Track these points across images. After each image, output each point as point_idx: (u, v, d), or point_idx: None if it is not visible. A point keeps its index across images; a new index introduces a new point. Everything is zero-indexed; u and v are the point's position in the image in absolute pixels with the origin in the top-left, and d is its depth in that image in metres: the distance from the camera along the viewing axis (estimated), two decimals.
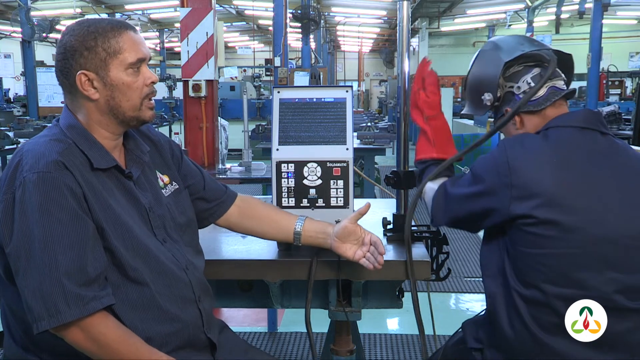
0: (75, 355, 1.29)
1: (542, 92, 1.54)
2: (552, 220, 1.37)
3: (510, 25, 17.33)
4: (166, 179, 1.55)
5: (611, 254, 1.37)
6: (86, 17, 1.52)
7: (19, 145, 1.58)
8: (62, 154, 1.30)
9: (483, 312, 1.62)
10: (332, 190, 1.68)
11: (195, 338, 1.44)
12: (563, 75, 1.59)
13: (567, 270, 1.38)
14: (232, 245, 1.89)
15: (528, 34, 14.79)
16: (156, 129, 1.65)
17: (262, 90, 12.54)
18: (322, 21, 14.42)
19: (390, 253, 1.76)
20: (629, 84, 15.73)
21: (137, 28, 1.46)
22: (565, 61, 1.64)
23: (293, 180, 1.69)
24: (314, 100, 1.74)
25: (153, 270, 1.36)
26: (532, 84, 1.54)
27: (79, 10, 13.74)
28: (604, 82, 12.95)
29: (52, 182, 1.25)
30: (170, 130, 10.04)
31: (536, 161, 1.43)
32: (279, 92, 1.76)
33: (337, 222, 1.65)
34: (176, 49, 21.11)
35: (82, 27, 1.37)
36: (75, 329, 1.23)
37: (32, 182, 1.25)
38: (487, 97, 1.60)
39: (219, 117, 3.69)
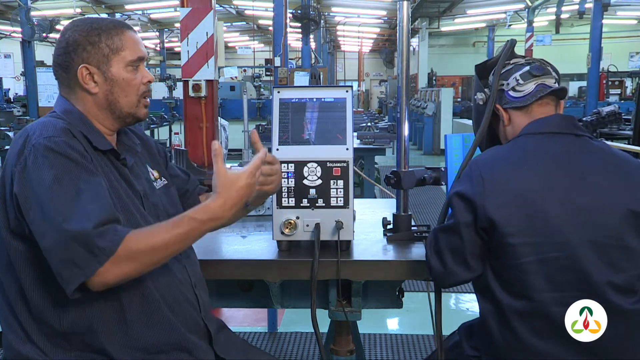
0: (73, 336, 1.31)
1: (530, 88, 1.54)
2: (529, 227, 1.37)
3: (510, 25, 17.32)
4: (156, 173, 1.59)
5: (593, 254, 1.36)
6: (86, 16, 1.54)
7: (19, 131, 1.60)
8: (69, 125, 1.34)
9: (478, 317, 1.62)
10: (332, 190, 1.68)
11: (192, 321, 1.45)
12: (555, 74, 1.58)
13: (554, 274, 1.37)
14: (232, 245, 1.90)
15: (528, 34, 14.83)
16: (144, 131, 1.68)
17: (262, 90, 12.54)
18: (322, 21, 14.41)
19: (390, 253, 1.76)
20: (629, 84, 15.74)
21: (137, 28, 1.50)
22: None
23: (293, 180, 1.68)
24: (314, 100, 1.74)
25: None
26: (521, 81, 1.54)
27: (79, 10, 13.74)
28: (604, 82, 12.96)
29: (62, 145, 1.27)
30: (170, 130, 10.04)
31: (506, 170, 1.45)
32: (279, 92, 1.76)
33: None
34: (176, 49, 21.11)
35: (85, 23, 1.42)
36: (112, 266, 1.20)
37: (42, 146, 1.26)
38: (479, 96, 1.63)
39: (219, 117, 3.69)
